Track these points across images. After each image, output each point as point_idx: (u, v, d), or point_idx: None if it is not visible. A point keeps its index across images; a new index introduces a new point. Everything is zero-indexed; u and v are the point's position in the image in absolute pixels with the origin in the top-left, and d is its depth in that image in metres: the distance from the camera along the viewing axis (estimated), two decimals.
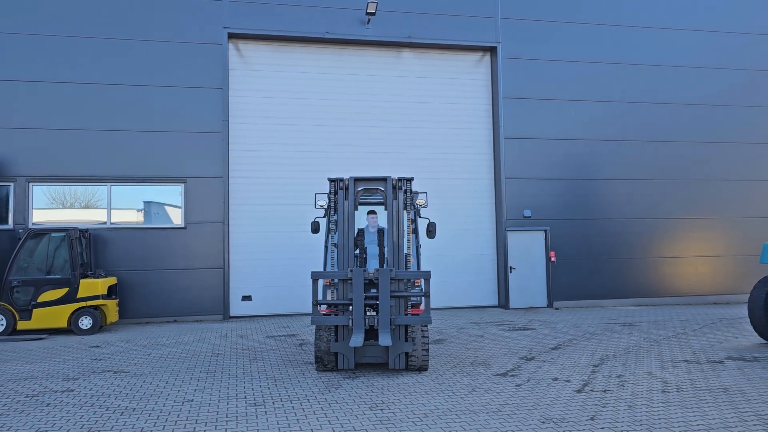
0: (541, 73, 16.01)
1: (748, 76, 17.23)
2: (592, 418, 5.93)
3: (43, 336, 11.68)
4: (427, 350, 7.98)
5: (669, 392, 6.92)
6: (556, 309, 15.40)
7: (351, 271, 7.78)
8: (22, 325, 11.75)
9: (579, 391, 7.00)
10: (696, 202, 16.68)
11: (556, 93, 16.03)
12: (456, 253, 15.47)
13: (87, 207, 14.00)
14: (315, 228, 9.34)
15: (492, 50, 16.02)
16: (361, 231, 9.21)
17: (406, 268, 8.22)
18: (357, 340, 7.41)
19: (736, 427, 5.63)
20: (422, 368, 8.07)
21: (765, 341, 10.21)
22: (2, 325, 11.61)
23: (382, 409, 6.34)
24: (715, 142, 16.87)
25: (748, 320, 11.65)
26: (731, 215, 16.85)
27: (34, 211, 13.59)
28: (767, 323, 9.89)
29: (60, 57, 13.76)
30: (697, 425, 5.69)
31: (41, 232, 12.26)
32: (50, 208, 13.83)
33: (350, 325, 7.71)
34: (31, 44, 13.66)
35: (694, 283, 16.55)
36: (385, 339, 7.43)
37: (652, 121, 16.54)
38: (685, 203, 16.61)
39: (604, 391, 6.98)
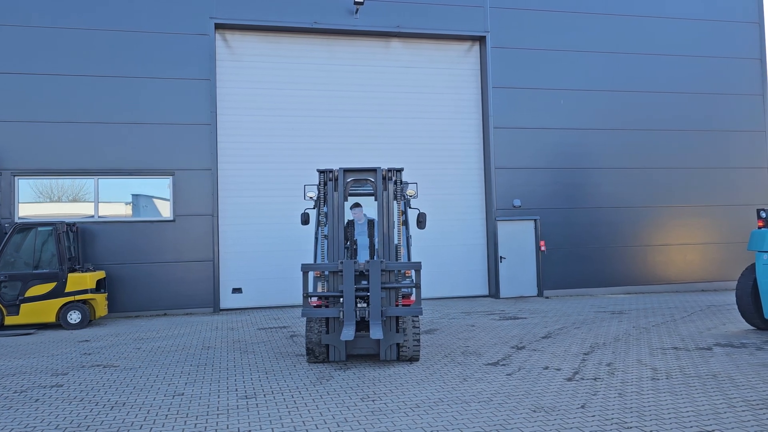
0: (530, 63, 15.99)
1: (736, 65, 17.30)
2: (582, 406, 5.96)
3: (32, 331, 11.58)
4: (418, 341, 7.98)
5: (659, 379, 6.97)
6: (547, 298, 15.47)
7: (341, 263, 7.75)
8: (9, 320, 11.65)
9: (570, 380, 7.03)
10: (684, 190, 16.77)
11: (545, 82, 16.03)
12: (446, 243, 15.48)
13: (74, 200, 13.87)
14: (305, 220, 9.30)
15: (481, 40, 15.97)
16: (351, 222, 9.18)
17: (396, 259, 8.21)
18: (348, 333, 7.38)
19: (725, 413, 5.68)
20: (413, 359, 8.08)
21: (753, 328, 10.30)
22: None
23: (373, 400, 6.34)
24: (703, 131, 16.95)
25: (736, 307, 11.74)
26: (719, 203, 16.96)
27: (20, 205, 13.44)
28: (755, 310, 9.98)
29: (45, 49, 13.57)
30: (687, 412, 5.73)
31: (28, 227, 12.14)
32: (37, 202, 13.69)
33: (341, 317, 7.69)
34: (16, 36, 13.45)
35: (682, 271, 16.68)
36: (376, 332, 7.41)
37: (641, 110, 16.58)
38: (674, 191, 16.70)
39: (595, 379, 7.02)
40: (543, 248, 15.70)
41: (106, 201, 13.97)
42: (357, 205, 9.19)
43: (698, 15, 17.13)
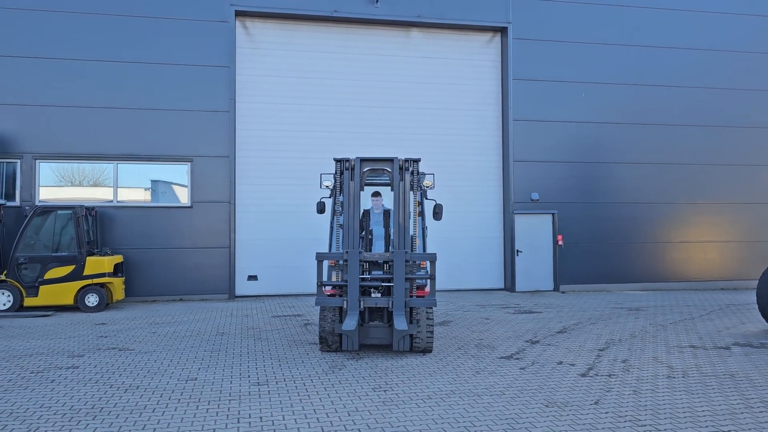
0: (552, 55, 15.79)
1: (760, 60, 16.93)
2: (596, 403, 5.89)
3: (50, 313, 11.75)
4: (432, 332, 7.95)
5: (674, 378, 6.87)
6: (563, 293, 15.34)
7: (346, 252, 7.73)
8: (29, 301, 11.82)
9: (583, 375, 6.96)
10: (706, 186, 16.50)
11: (566, 75, 15.82)
12: (462, 236, 15.40)
13: (95, 185, 14.01)
14: (321, 208, 9.29)
15: (502, 31, 15.79)
16: (366, 212, 9.15)
17: (411, 250, 8.17)
18: (350, 323, 7.37)
19: (741, 413, 5.58)
20: (426, 350, 8.05)
21: None
22: (9, 301, 11.69)
23: (385, 391, 6.33)
24: (726, 126, 16.64)
25: (756, 306, 11.54)
26: (741, 200, 16.67)
27: (41, 188, 13.60)
28: None
29: (66, 34, 13.66)
30: (703, 411, 5.64)
31: (48, 210, 12.28)
32: (57, 186, 13.84)
33: (344, 306, 7.68)
34: (38, 21, 13.55)
35: (702, 269, 16.44)
36: (400, 323, 7.37)
37: (663, 104, 16.32)
38: (695, 187, 16.44)
39: (609, 376, 6.94)
40: (560, 242, 15.56)
41: (126, 186, 14.09)
42: (377, 193, 9.15)
43: (723, 9, 16.76)
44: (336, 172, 8.41)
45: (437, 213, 8.98)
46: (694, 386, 6.51)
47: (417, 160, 8.26)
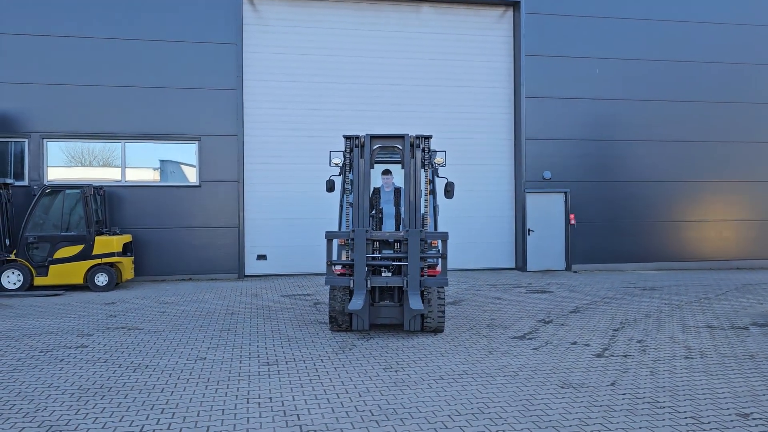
0: (565, 30, 15.43)
1: None
2: (612, 384, 5.76)
3: (60, 292, 11.74)
4: (443, 312, 7.83)
5: (692, 358, 6.72)
6: (575, 272, 15.17)
7: (353, 231, 7.59)
8: (38, 281, 11.82)
9: (599, 356, 6.82)
10: (721, 164, 16.18)
11: (580, 50, 15.47)
12: (474, 215, 15.22)
13: (105, 165, 13.94)
14: (330, 187, 9.14)
15: (515, 5, 15.44)
16: (377, 190, 9.00)
17: (422, 229, 8.01)
18: (356, 303, 7.25)
19: (763, 394, 5.43)
20: (438, 330, 7.94)
21: None
22: (19, 280, 11.69)
23: (396, 371, 6.22)
24: (743, 103, 16.26)
25: None
26: (758, 179, 16.35)
27: (49, 168, 13.53)
28: None
29: (73, 12, 13.48)
30: (723, 393, 5.50)
31: (56, 189, 12.22)
32: (66, 166, 13.77)
33: (351, 286, 7.56)
34: None
35: (717, 248, 16.19)
36: (416, 303, 7.25)
37: (679, 80, 15.95)
38: (710, 166, 16.13)
39: (625, 356, 6.80)
40: (573, 221, 15.35)
41: (136, 166, 14.01)
42: (387, 171, 8.97)
43: None
44: (345, 150, 8.23)
45: (449, 191, 8.79)
46: (713, 367, 6.36)
47: (428, 137, 8.07)
